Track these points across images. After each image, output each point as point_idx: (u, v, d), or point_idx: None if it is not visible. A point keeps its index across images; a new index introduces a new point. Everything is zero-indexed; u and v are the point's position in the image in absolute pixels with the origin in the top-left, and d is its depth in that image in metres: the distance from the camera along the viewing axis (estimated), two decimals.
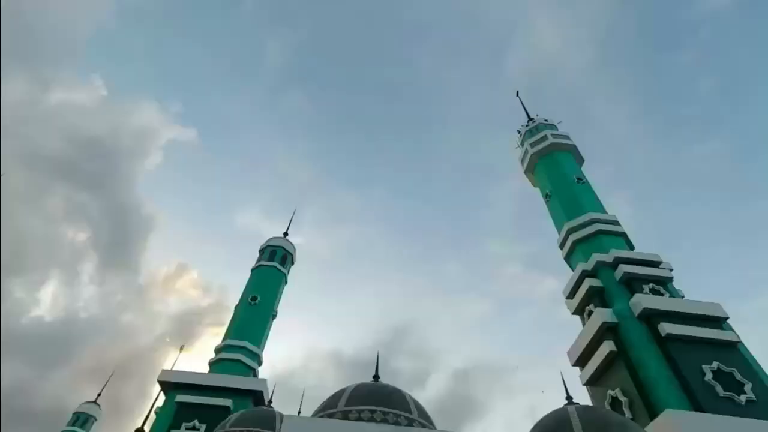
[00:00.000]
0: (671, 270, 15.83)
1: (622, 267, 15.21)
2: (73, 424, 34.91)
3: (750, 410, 11.17)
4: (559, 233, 18.94)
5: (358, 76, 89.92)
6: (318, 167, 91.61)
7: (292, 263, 25.69)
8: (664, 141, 76.47)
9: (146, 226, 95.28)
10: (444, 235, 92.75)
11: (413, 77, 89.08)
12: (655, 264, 15.65)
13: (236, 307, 22.27)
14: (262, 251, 25.15)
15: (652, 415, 11.42)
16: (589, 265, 16.05)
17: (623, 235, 17.48)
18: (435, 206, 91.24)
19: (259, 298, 22.07)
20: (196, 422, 16.29)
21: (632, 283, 14.85)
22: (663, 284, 14.99)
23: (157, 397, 20.16)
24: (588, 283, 15.46)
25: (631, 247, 17.31)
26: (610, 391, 13.13)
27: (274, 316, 22.66)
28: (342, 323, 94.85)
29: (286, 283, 24.56)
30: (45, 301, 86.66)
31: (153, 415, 18.93)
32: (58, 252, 78.85)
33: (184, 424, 16.17)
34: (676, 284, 15.59)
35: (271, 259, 24.32)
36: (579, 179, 20.16)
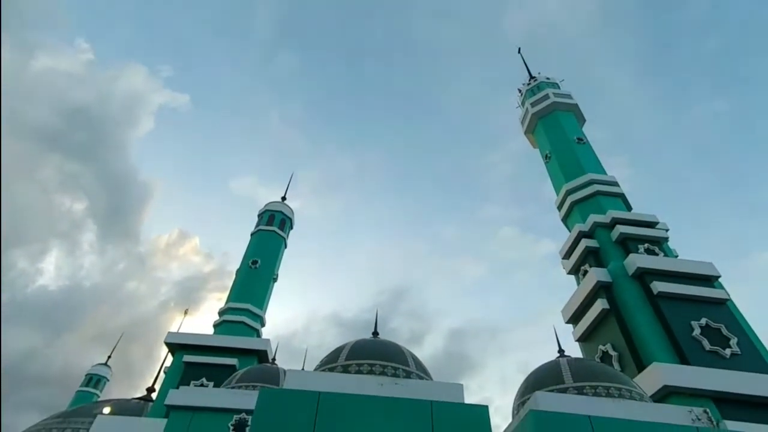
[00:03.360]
0: (667, 230, 15.99)
1: (618, 227, 15.35)
2: (86, 385, 36.36)
3: (734, 363, 11.63)
4: (557, 195, 18.96)
5: (351, 36, 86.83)
6: (313, 131, 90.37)
7: (291, 227, 25.83)
8: (666, 101, 75.10)
9: (143, 195, 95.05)
10: (441, 198, 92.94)
11: (409, 36, 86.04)
12: (651, 224, 15.79)
13: (237, 272, 22.61)
14: (260, 216, 25.22)
15: (640, 368, 11.91)
16: (586, 226, 16.19)
17: (621, 196, 17.52)
18: (432, 169, 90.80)
19: (259, 262, 22.36)
20: (204, 380, 16.93)
21: (627, 243, 15.04)
22: (658, 244, 15.19)
23: (165, 358, 20.87)
24: (584, 243, 15.65)
25: (629, 208, 17.39)
26: (600, 346, 13.62)
27: (275, 280, 23.05)
28: (341, 286, 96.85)
29: (285, 247, 24.80)
30: (48, 270, 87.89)
31: (162, 375, 19.62)
32: (56, 222, 79.02)
33: (192, 382, 16.80)
34: (672, 244, 15.80)
35: (269, 223, 24.43)
36: (579, 140, 19.92)
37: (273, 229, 24.17)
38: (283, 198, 26.88)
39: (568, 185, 18.12)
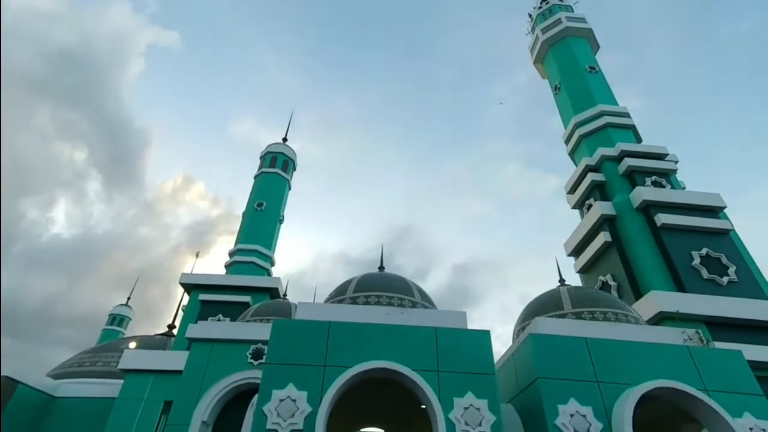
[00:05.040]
0: (676, 162, 15.71)
1: (626, 160, 15.08)
2: (111, 324, 38.65)
3: (730, 290, 11.98)
4: (565, 128, 18.43)
5: None
6: (311, 67, 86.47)
7: (294, 169, 25.67)
8: (690, 21, 69.84)
9: (142, 140, 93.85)
10: (446, 134, 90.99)
11: None
12: (660, 156, 15.48)
13: (244, 214, 22.89)
14: (262, 158, 24.96)
15: (638, 297, 12.31)
16: (593, 160, 15.93)
17: (632, 128, 16.99)
18: (436, 105, 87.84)
19: (264, 204, 22.54)
20: (220, 316, 17.88)
21: (635, 176, 14.88)
22: (666, 176, 15.00)
23: (182, 297, 21.89)
24: (590, 177, 15.49)
25: (639, 140, 16.97)
26: (600, 277, 14.00)
27: (281, 221, 23.38)
28: (347, 226, 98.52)
29: (289, 188, 24.84)
30: (59, 219, 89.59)
31: (181, 313, 20.69)
32: (59, 172, 79.11)
33: (209, 318, 17.76)
34: (684, 176, 15.67)
35: (272, 165, 24.26)
36: (592, 68, 18.89)
37: (276, 170, 24.05)
38: (284, 139, 26.41)
39: (577, 117, 17.54)
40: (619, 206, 14.31)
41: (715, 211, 13.86)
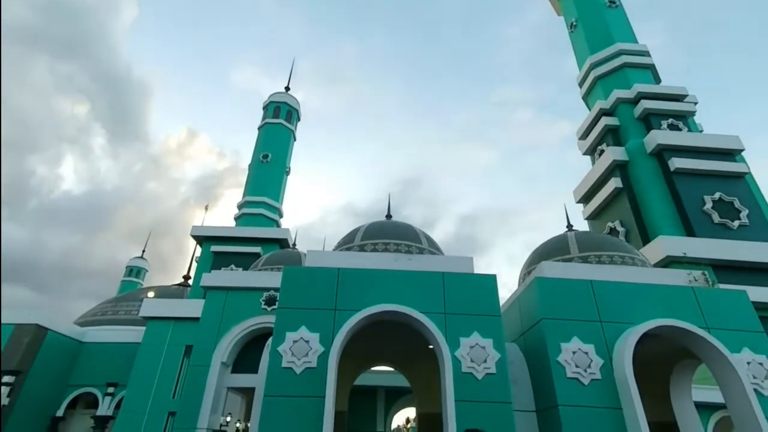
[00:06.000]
0: (696, 104, 15.03)
1: (642, 103, 14.46)
2: (129, 275, 40.12)
3: (741, 234, 11.91)
4: (580, 69, 17.53)
5: None
6: (312, 12, 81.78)
7: (298, 119, 25.11)
8: None
9: (143, 92, 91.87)
10: (452, 80, 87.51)
11: None
12: (678, 98, 14.80)
13: (250, 166, 22.79)
14: (265, 108, 24.39)
15: (646, 242, 12.33)
16: (608, 103, 15.30)
17: (651, 67, 16.10)
18: (442, 50, 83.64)
19: (270, 156, 22.35)
20: (232, 266, 18.40)
21: (650, 119, 14.34)
22: (683, 119, 14.43)
23: (195, 249, 22.47)
24: (604, 121, 14.97)
25: (658, 81, 16.14)
26: (609, 223, 13.96)
27: (287, 172, 23.28)
28: (354, 177, 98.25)
29: (294, 139, 24.46)
30: (68, 176, 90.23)
31: (195, 264, 21.31)
32: (62, 127, 78.44)
33: (222, 268, 18.31)
34: (705, 117, 15.12)
35: (275, 116, 23.74)
36: (612, 2, 17.59)
37: (280, 121, 23.56)
38: (287, 88, 25.59)
39: (593, 58, 16.60)
40: (631, 151, 13.93)
41: (731, 154, 13.46)
